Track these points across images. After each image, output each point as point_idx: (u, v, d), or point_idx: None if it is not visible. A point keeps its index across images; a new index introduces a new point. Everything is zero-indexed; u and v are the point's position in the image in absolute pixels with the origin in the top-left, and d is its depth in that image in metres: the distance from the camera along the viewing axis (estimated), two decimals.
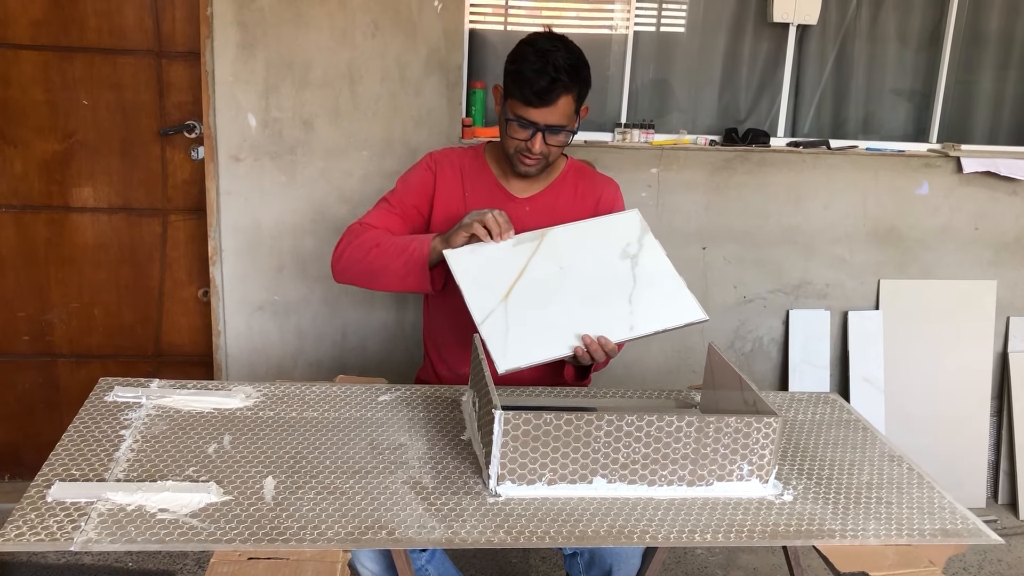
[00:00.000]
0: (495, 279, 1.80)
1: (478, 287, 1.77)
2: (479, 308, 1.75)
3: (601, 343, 1.73)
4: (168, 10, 2.70)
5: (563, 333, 1.75)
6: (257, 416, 1.69)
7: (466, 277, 1.78)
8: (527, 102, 1.85)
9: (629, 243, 1.90)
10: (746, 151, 3.00)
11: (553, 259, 1.85)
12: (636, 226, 1.93)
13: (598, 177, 2.14)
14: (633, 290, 1.82)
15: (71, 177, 2.79)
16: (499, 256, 1.83)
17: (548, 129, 1.88)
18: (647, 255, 1.88)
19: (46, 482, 1.40)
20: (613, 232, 1.91)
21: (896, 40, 3.19)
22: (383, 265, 1.89)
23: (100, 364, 2.94)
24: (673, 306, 1.81)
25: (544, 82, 1.82)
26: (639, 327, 1.78)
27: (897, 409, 3.20)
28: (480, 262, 1.81)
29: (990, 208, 3.17)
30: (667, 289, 1.83)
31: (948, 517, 1.51)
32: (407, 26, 2.71)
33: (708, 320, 1.81)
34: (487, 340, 1.70)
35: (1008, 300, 3.26)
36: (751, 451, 1.49)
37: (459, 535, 1.35)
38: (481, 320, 1.73)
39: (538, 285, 1.80)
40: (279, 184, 2.78)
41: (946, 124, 3.25)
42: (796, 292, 3.15)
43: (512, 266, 1.82)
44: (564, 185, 2.08)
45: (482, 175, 2.06)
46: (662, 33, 3.10)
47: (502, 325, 1.73)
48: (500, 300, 1.77)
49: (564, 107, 1.87)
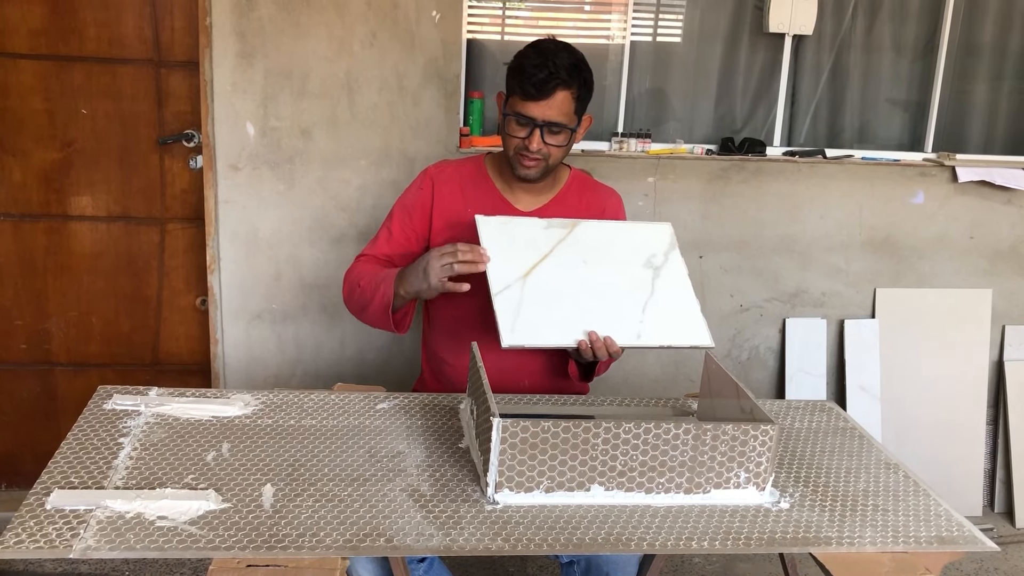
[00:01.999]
0: (519, 254, 1.82)
1: (501, 257, 1.79)
2: (498, 279, 1.77)
3: (607, 343, 1.75)
4: (167, 20, 2.72)
5: (573, 325, 1.76)
6: (255, 424, 1.69)
7: (491, 245, 1.80)
8: (525, 95, 1.86)
9: (655, 254, 1.91)
10: (742, 160, 3.01)
11: (579, 251, 1.86)
12: (666, 239, 1.94)
13: (601, 188, 2.14)
14: (649, 300, 1.84)
15: (70, 186, 2.79)
16: (528, 235, 1.85)
17: (546, 126, 1.88)
18: (670, 270, 1.89)
19: (45, 490, 1.40)
20: (642, 240, 1.93)
21: (891, 50, 3.21)
22: (364, 306, 1.94)
23: (98, 373, 2.94)
24: (683, 325, 1.83)
25: (542, 75, 1.84)
26: (645, 337, 1.79)
27: (893, 417, 3.21)
28: (508, 235, 1.83)
29: (985, 217, 3.18)
30: (681, 308, 1.85)
31: (944, 524, 1.52)
32: (405, 36, 2.73)
33: (713, 348, 1.83)
34: (498, 311, 1.72)
35: (1003, 309, 3.27)
36: (748, 459, 1.50)
37: (457, 543, 1.35)
38: (497, 291, 1.75)
39: (559, 272, 1.82)
40: (277, 193, 2.79)
41: (941, 134, 3.27)
42: (792, 301, 3.16)
43: (538, 247, 1.84)
44: (569, 196, 2.07)
45: (484, 187, 2.04)
46: (659, 43, 3.11)
47: (516, 301, 1.75)
48: (520, 277, 1.79)
49: (562, 103, 1.87)
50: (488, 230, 1.82)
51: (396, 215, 2.04)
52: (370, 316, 1.94)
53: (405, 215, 2.03)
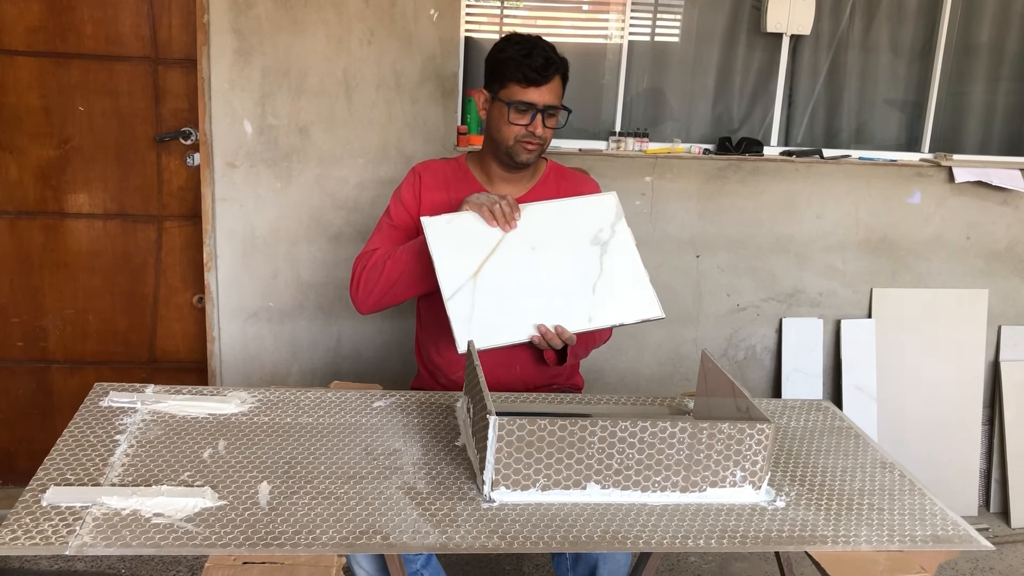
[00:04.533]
0: (468, 253, 1.84)
1: (450, 258, 1.81)
2: (448, 282, 1.79)
3: (558, 331, 1.81)
4: (164, 17, 2.71)
5: (525, 318, 1.80)
6: (252, 421, 1.69)
7: (439, 247, 1.82)
8: (528, 81, 1.93)
9: (602, 228, 1.93)
10: (740, 160, 3.01)
11: (526, 238, 1.88)
12: (612, 211, 1.95)
13: (576, 175, 2.21)
14: (598, 280, 1.86)
15: (66, 183, 2.79)
16: (475, 229, 1.87)
17: (546, 110, 1.96)
18: (617, 244, 1.91)
19: (41, 486, 1.40)
20: (588, 214, 1.95)
21: (889, 51, 3.21)
22: (400, 272, 1.94)
23: (94, 370, 2.94)
24: (633, 301, 1.86)
25: (540, 60, 1.92)
26: (597, 319, 1.83)
27: (889, 417, 3.21)
28: (455, 233, 1.85)
29: (981, 217, 3.19)
30: (631, 282, 1.87)
31: (939, 523, 1.52)
32: (403, 34, 2.73)
33: (664, 318, 1.86)
34: (452, 317, 1.76)
35: (999, 309, 3.28)
36: (744, 457, 1.50)
37: (453, 540, 1.35)
38: (449, 295, 1.78)
39: (508, 264, 1.84)
40: (274, 191, 2.78)
41: (938, 134, 3.27)
42: (789, 300, 3.16)
43: (486, 242, 1.86)
44: (547, 186, 2.12)
45: (466, 182, 2.10)
46: (656, 43, 3.12)
47: (468, 304, 1.78)
48: (470, 277, 1.81)
49: (556, 87, 1.97)
50: (435, 231, 1.84)
51: (393, 209, 2.10)
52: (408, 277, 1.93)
53: (400, 207, 2.09)
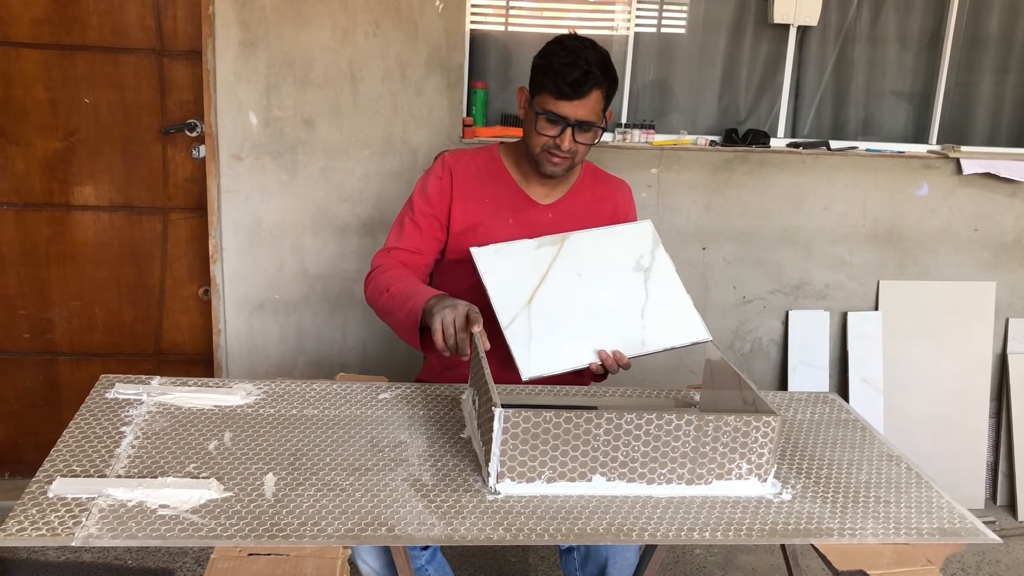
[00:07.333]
0: (518, 282, 1.85)
1: (503, 287, 1.82)
2: (504, 311, 1.80)
3: (616, 358, 1.78)
4: (170, 9, 2.71)
5: (582, 344, 1.80)
6: (258, 413, 1.69)
7: (491, 276, 1.83)
8: (560, 94, 1.83)
9: (642, 255, 1.94)
10: (746, 152, 3.00)
11: (572, 266, 1.89)
12: (649, 238, 1.97)
13: (611, 179, 2.13)
14: (646, 305, 1.88)
15: (72, 175, 2.79)
16: (522, 259, 1.88)
17: (578, 125, 1.86)
18: (658, 269, 1.93)
19: (47, 478, 1.40)
20: (627, 242, 1.96)
21: (896, 42, 3.20)
22: (389, 312, 1.89)
23: (100, 362, 2.94)
24: (681, 324, 1.88)
25: (577, 73, 1.81)
26: (650, 343, 1.84)
27: (896, 410, 3.20)
28: (504, 263, 1.86)
29: (989, 209, 3.17)
30: (676, 306, 1.89)
31: (946, 516, 1.52)
32: (408, 26, 2.72)
33: (712, 340, 1.85)
34: (512, 346, 1.75)
35: (1007, 301, 3.27)
36: (750, 450, 1.50)
37: (459, 532, 1.35)
38: (507, 324, 1.78)
39: (558, 291, 1.85)
40: (280, 183, 2.78)
41: (946, 126, 3.26)
42: (795, 293, 3.15)
43: (534, 270, 1.87)
44: (583, 189, 2.06)
45: (502, 179, 2.02)
46: (663, 34, 3.10)
47: (525, 331, 1.78)
48: (524, 305, 1.82)
49: (594, 102, 1.86)
50: (485, 260, 1.85)
51: (417, 204, 2.00)
52: (394, 325, 1.89)
53: (426, 203, 1.99)
